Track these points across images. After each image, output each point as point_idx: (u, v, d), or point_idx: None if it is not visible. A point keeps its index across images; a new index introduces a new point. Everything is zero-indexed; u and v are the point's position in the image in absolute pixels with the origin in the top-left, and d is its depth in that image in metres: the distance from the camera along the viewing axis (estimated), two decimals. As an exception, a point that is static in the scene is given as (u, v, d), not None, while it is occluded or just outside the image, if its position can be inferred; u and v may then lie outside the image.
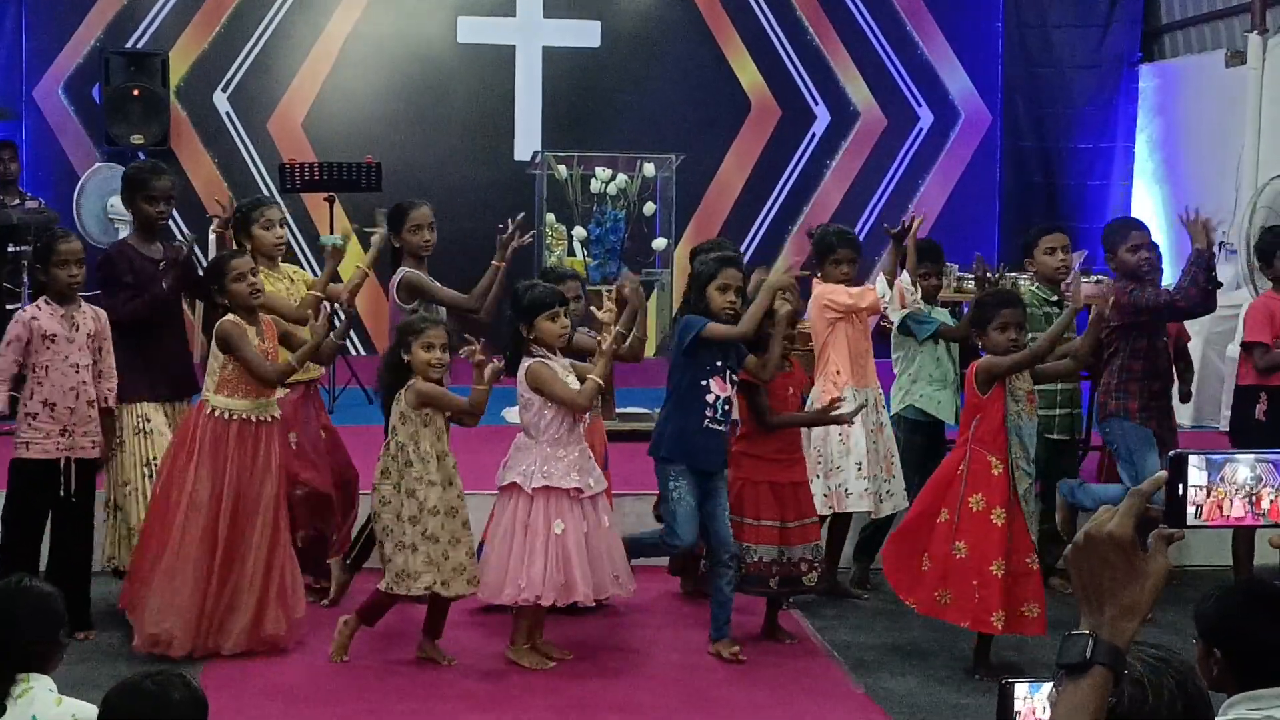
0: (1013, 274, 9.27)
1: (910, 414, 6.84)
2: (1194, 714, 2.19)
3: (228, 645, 5.76)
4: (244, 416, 5.79)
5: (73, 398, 5.88)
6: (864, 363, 6.67)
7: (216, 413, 5.79)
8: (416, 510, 5.62)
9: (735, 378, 5.90)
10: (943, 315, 7.03)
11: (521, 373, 5.69)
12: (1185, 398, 7.21)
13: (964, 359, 6.58)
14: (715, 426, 5.86)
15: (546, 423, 5.68)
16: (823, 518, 6.48)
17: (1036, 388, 5.91)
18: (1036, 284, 6.89)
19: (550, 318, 5.67)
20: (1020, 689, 2.30)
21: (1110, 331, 6.46)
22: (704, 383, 5.84)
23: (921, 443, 6.82)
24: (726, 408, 5.88)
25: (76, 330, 5.91)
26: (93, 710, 3.33)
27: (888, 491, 6.64)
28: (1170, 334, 6.95)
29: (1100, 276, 6.66)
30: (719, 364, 5.85)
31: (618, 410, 8.19)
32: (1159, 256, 6.74)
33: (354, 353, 11.26)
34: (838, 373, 6.60)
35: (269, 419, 5.87)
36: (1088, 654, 1.91)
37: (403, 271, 6.56)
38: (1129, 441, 6.50)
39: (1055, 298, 6.68)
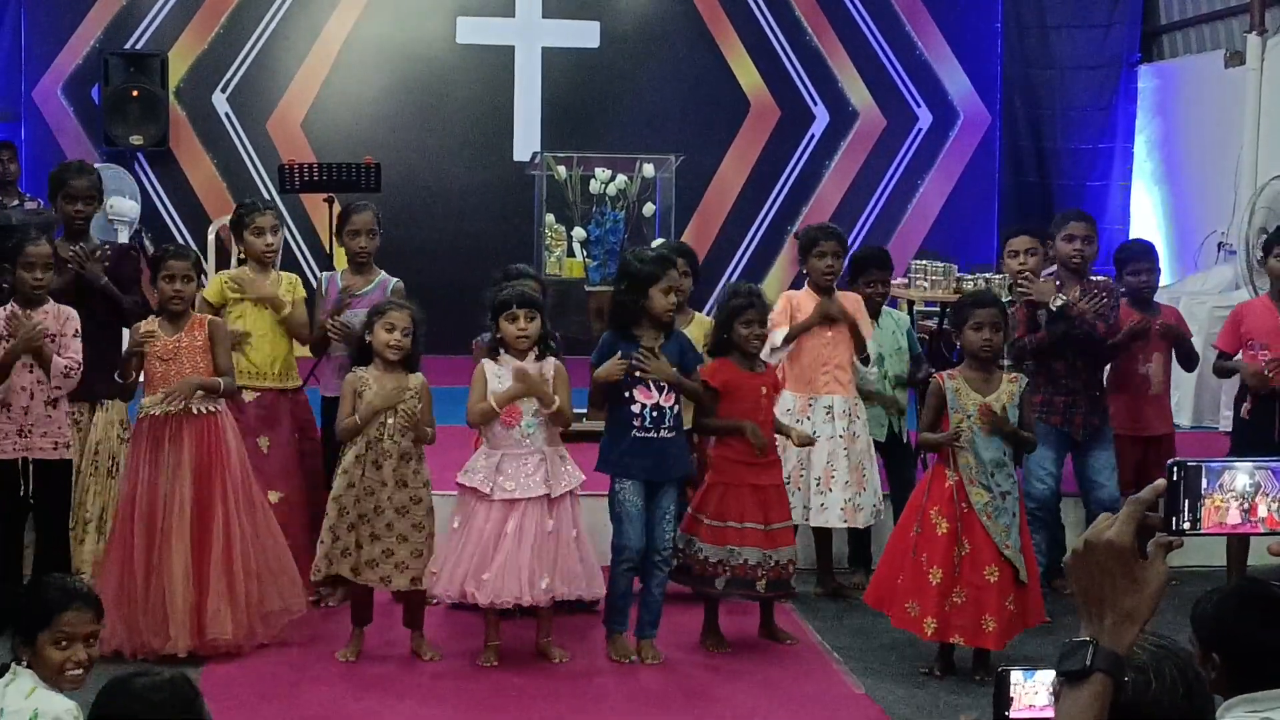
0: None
1: None
2: (1195, 699, 2.19)
3: (168, 647, 5.66)
4: (152, 414, 5.80)
5: (26, 398, 5.86)
6: (830, 371, 6.59)
7: (140, 412, 5.89)
8: (351, 500, 5.73)
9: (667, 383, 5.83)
10: (894, 319, 7.00)
11: None
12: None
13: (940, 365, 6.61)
14: (647, 435, 5.83)
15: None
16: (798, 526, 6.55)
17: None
18: (1007, 286, 6.97)
19: (509, 319, 5.74)
20: (1015, 675, 2.34)
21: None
22: (627, 393, 5.84)
23: None
24: (656, 414, 5.82)
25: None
26: (63, 704, 3.40)
27: (856, 505, 6.60)
28: (1155, 332, 6.97)
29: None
30: (637, 373, 5.81)
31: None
32: (1095, 251, 6.80)
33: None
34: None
35: (180, 411, 5.78)
36: (1088, 661, 1.91)
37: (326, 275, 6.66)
38: None
39: (1010, 299, 6.75)
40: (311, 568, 5.85)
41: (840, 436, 6.57)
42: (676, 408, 5.87)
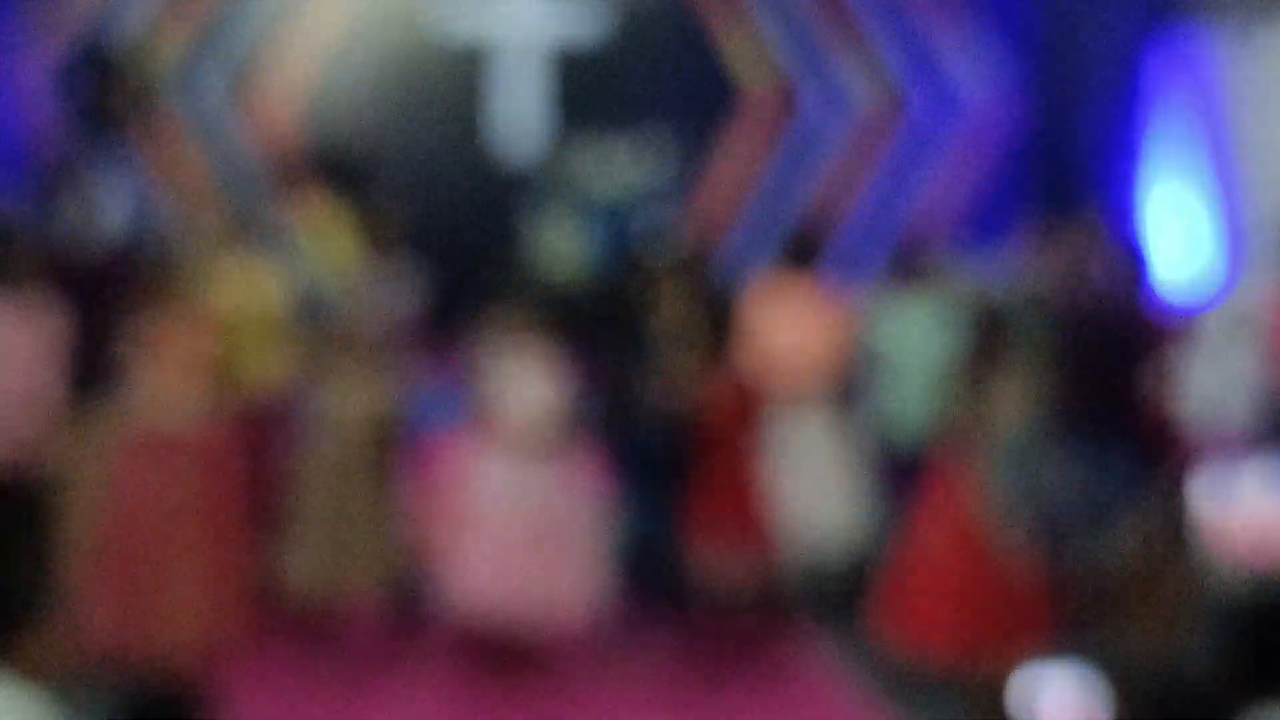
0: None
1: None
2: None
3: (164, 652, 5.50)
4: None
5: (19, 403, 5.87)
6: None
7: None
8: (314, 507, 5.73)
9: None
10: None
11: None
12: None
13: None
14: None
15: None
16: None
17: None
18: None
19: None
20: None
21: None
22: None
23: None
24: None
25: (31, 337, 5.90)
26: (39, 700, 3.27)
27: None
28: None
29: None
30: None
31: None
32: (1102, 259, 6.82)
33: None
34: None
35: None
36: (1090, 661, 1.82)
37: None
38: None
39: None
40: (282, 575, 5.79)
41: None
42: None
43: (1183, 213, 11.84)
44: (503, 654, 5.84)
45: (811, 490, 6.51)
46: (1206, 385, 8.86)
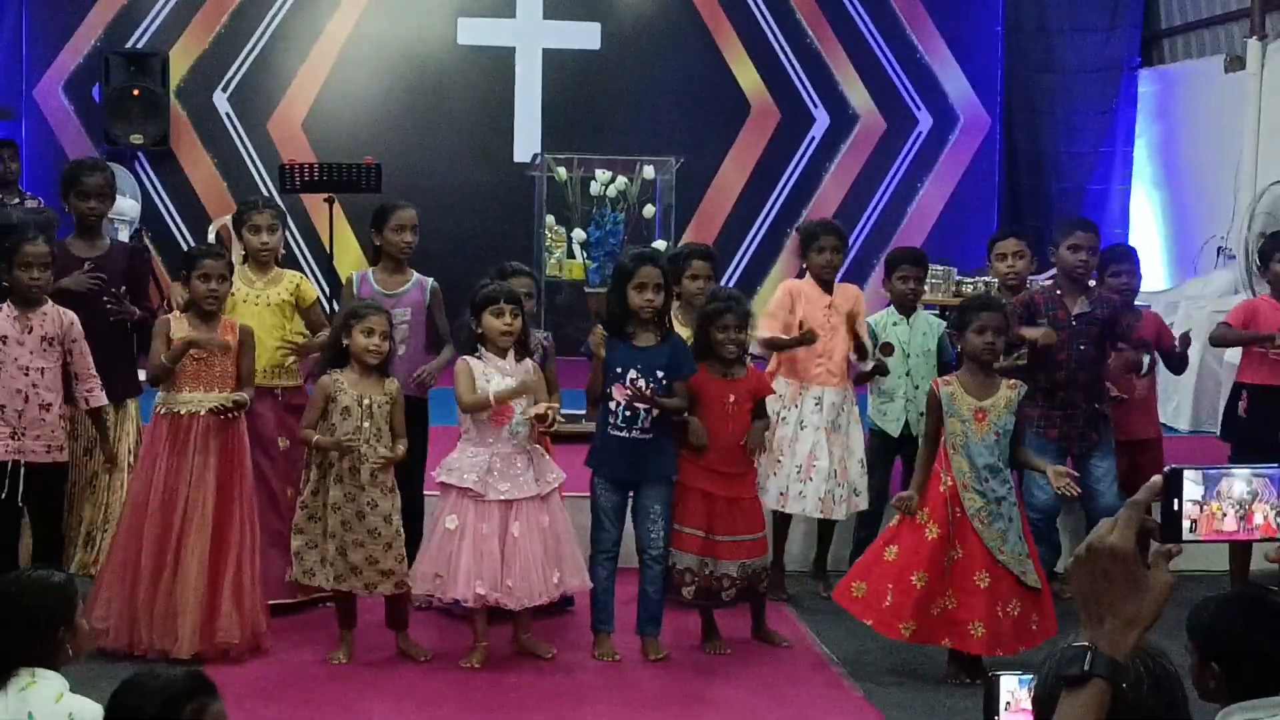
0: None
1: (869, 422, 6.97)
2: (1163, 694, 2.19)
3: (175, 648, 5.65)
4: (175, 411, 5.79)
5: (20, 400, 5.80)
6: (823, 363, 6.67)
7: (157, 409, 5.87)
8: (320, 506, 5.72)
9: (649, 383, 5.83)
10: (926, 321, 7.00)
11: None
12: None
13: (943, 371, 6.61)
14: (619, 434, 5.84)
15: (465, 420, 5.78)
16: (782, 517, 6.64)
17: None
18: (997, 288, 7.00)
19: (495, 314, 5.72)
20: (1008, 681, 2.31)
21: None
22: (607, 390, 5.88)
23: (877, 449, 6.92)
24: (629, 414, 5.83)
25: (29, 333, 5.83)
26: (95, 709, 3.31)
27: (836, 497, 6.66)
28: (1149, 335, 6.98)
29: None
30: (618, 370, 5.85)
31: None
32: (1098, 261, 6.76)
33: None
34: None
35: (204, 411, 5.77)
36: (1086, 666, 1.91)
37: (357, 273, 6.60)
38: None
39: (1005, 301, 6.76)
40: (290, 574, 5.88)
41: (824, 428, 6.63)
42: (656, 410, 5.86)
43: (1145, 222, 11.96)
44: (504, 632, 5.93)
45: (812, 476, 6.61)
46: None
